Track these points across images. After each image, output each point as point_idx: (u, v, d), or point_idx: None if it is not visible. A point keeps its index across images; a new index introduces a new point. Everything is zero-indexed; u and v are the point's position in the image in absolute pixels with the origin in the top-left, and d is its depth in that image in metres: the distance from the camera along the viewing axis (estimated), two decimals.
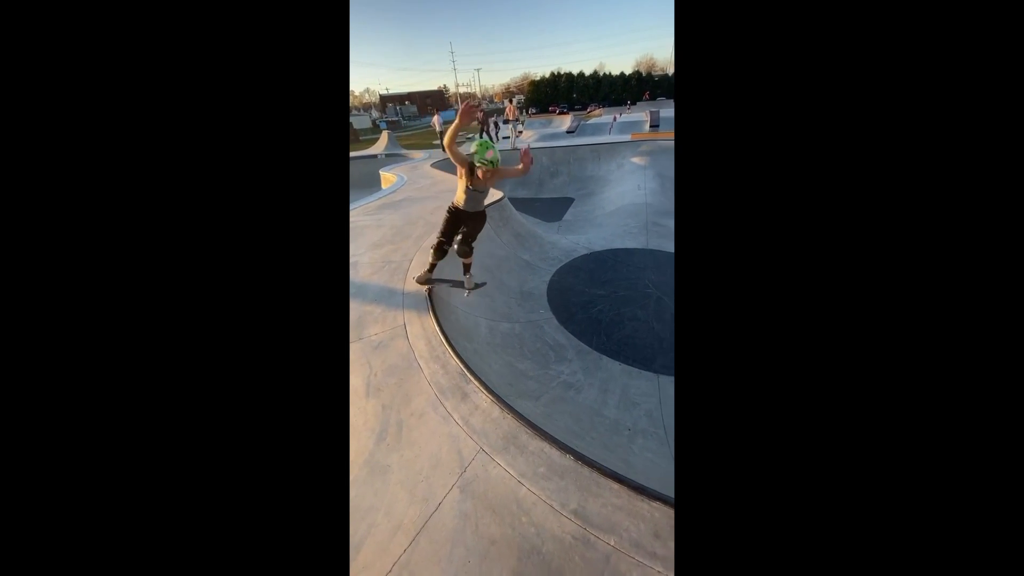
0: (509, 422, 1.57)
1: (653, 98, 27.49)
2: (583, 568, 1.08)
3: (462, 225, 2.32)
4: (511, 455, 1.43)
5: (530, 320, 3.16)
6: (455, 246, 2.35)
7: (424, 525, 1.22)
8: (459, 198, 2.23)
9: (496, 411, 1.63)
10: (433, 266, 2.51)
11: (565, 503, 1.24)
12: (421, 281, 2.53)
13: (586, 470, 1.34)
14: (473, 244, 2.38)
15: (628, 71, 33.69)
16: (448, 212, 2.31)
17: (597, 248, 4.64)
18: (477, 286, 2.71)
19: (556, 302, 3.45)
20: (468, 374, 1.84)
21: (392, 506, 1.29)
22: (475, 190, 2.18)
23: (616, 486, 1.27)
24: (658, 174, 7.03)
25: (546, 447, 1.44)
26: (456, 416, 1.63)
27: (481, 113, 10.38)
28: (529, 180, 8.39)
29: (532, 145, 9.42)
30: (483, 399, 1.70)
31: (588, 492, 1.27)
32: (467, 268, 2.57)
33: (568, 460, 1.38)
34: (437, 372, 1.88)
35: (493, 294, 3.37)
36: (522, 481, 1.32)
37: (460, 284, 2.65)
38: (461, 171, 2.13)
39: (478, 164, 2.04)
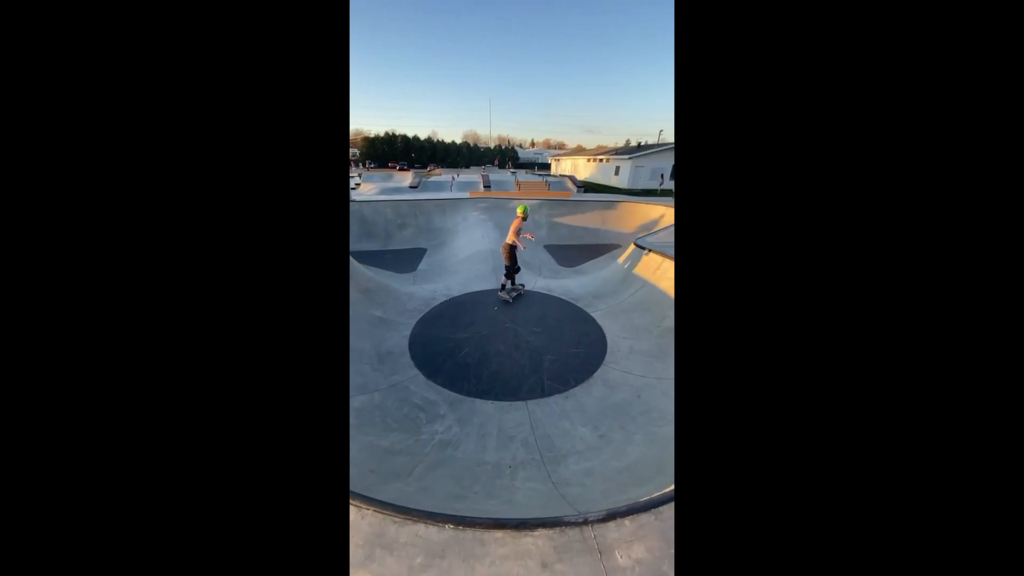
0: (370, 520, 1.29)
1: (501, 165, 33.23)
2: None
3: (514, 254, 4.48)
4: (377, 561, 1.16)
5: (392, 385, 2.83)
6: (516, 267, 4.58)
7: None
8: (515, 239, 4.36)
9: (351, 513, 1.31)
10: (504, 285, 4.63)
11: None
12: (507, 297, 4.51)
13: (468, 532, 1.24)
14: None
15: (458, 140, 39.65)
16: (510, 249, 4.42)
17: (455, 293, 4.82)
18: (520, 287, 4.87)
19: (421, 356, 3.27)
20: None
21: None
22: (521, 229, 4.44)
23: (500, 533, 1.23)
24: (496, 225, 8.24)
25: (421, 528, 1.25)
26: None
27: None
28: (375, 232, 8.01)
29: (375, 199, 9.19)
30: None
31: (473, 557, 1.17)
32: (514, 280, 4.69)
33: (448, 531, 1.24)
34: None
35: None
36: None
37: (519, 290, 4.77)
38: (517, 224, 4.41)
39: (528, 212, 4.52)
